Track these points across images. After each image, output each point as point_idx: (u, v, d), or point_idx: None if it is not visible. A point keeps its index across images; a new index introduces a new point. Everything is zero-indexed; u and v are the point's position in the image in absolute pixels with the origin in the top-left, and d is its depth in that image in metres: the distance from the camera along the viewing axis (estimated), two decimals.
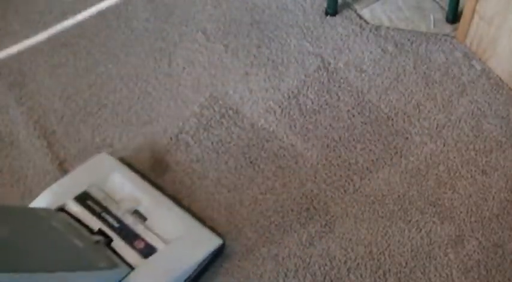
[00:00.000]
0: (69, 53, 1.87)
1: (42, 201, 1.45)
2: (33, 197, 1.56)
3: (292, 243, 1.48)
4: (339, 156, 1.62)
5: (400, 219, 1.51)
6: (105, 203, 1.44)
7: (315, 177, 1.58)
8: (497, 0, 1.65)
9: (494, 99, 1.72)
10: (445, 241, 1.47)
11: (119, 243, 1.36)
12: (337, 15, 1.95)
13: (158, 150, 1.65)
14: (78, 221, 1.40)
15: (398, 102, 1.73)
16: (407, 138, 1.66)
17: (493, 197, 1.54)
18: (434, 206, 1.53)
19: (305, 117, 1.69)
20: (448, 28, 1.91)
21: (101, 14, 1.97)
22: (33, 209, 1.41)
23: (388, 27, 1.92)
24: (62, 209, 1.42)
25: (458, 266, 1.44)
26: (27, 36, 1.91)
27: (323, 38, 1.89)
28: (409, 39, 1.88)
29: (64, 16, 1.96)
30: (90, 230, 1.38)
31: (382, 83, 1.77)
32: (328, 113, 1.71)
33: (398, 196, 1.55)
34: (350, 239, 1.48)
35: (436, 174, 1.58)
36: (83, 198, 1.44)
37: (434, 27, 1.92)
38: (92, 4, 2.00)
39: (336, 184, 1.57)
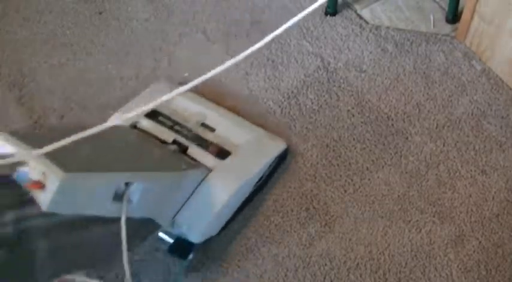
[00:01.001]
0: (69, 53, 1.87)
1: (114, 121, 1.50)
2: None
3: (292, 243, 1.48)
4: (339, 156, 1.62)
5: (400, 219, 1.51)
6: (174, 118, 1.54)
7: (315, 177, 1.58)
8: (497, 0, 1.65)
9: (494, 99, 1.72)
10: (445, 241, 1.47)
11: (194, 150, 1.46)
12: (337, 15, 1.95)
13: None
14: (152, 135, 1.49)
15: (398, 102, 1.73)
16: (407, 138, 1.66)
17: (493, 197, 1.54)
18: (434, 206, 1.53)
19: (305, 117, 1.69)
20: (448, 28, 1.91)
21: (101, 14, 1.98)
22: (113, 128, 1.48)
23: (388, 27, 1.92)
24: (134, 127, 1.52)
25: (458, 266, 1.44)
26: (27, 36, 1.91)
27: (323, 38, 1.89)
28: (409, 39, 1.88)
29: (65, 16, 1.96)
30: (165, 142, 1.48)
31: (382, 83, 1.77)
32: (328, 112, 1.71)
33: (398, 196, 1.55)
34: (350, 239, 1.48)
35: (436, 174, 1.58)
36: (154, 115, 1.54)
37: (434, 27, 1.92)
38: (92, 4, 2.00)
39: (335, 184, 1.57)
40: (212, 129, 1.53)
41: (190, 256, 1.42)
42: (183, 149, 1.46)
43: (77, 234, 1.10)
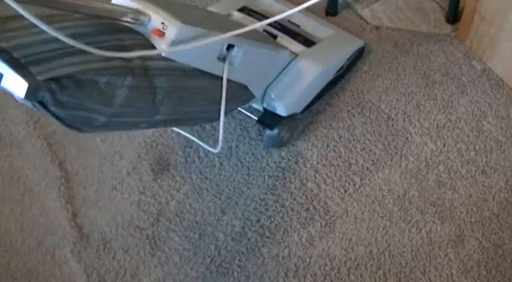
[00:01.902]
0: None
1: (213, 8, 1.73)
2: (34, 196, 1.57)
3: (292, 243, 1.48)
4: (339, 156, 1.62)
5: (400, 219, 1.51)
6: (263, 13, 1.72)
7: (315, 177, 1.58)
8: (497, 0, 1.65)
9: (495, 99, 1.72)
10: (445, 241, 1.47)
11: (283, 39, 1.64)
12: (337, 15, 1.95)
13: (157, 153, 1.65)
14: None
15: (399, 102, 1.73)
16: (407, 138, 1.66)
17: (493, 197, 1.54)
18: (434, 206, 1.53)
19: (305, 117, 1.69)
20: (448, 28, 1.91)
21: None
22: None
23: (388, 27, 1.92)
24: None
25: (458, 266, 1.44)
26: None
27: None
28: (409, 40, 1.88)
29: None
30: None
31: (383, 83, 1.77)
32: (328, 113, 1.71)
33: (399, 196, 1.55)
34: (350, 239, 1.48)
35: (436, 174, 1.58)
36: (245, 9, 1.73)
37: (435, 27, 1.92)
38: None
39: (336, 184, 1.57)
40: (298, 26, 1.72)
41: (276, 130, 1.56)
42: (273, 37, 1.64)
43: (190, 80, 1.26)
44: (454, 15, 1.90)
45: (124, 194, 1.57)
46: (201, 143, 1.61)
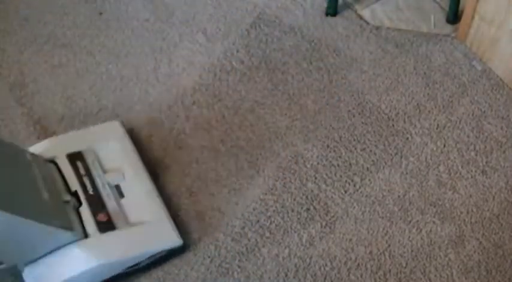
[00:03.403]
0: (70, 53, 1.87)
1: (39, 147, 1.52)
2: None
3: (292, 244, 1.48)
4: (339, 157, 1.62)
5: (401, 220, 1.51)
6: (92, 168, 1.48)
7: (315, 178, 1.58)
8: (497, 0, 1.65)
9: (495, 99, 1.72)
10: (446, 241, 1.47)
11: (85, 211, 1.40)
12: (337, 16, 1.95)
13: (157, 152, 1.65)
14: (62, 177, 1.45)
15: (399, 103, 1.73)
16: (407, 138, 1.65)
17: (494, 197, 1.54)
18: (434, 206, 1.53)
19: (305, 117, 1.69)
20: (448, 28, 1.91)
21: (102, 14, 1.98)
22: (18, 148, 1.44)
23: (388, 28, 1.92)
24: (52, 161, 1.48)
25: (458, 267, 1.43)
26: (27, 37, 1.91)
27: (323, 38, 1.89)
28: (409, 40, 1.88)
29: (65, 16, 1.96)
30: (68, 189, 1.43)
31: (383, 83, 1.77)
32: (329, 113, 1.71)
33: (399, 196, 1.55)
34: (350, 240, 1.48)
35: (437, 174, 1.58)
36: (75, 158, 1.49)
37: (435, 27, 1.92)
38: (92, 4, 2.00)
39: (336, 184, 1.57)
40: (121, 195, 1.47)
41: None
42: (77, 205, 1.41)
43: None
44: (454, 16, 1.90)
45: None
46: None
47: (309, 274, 1.43)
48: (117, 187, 1.48)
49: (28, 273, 1.32)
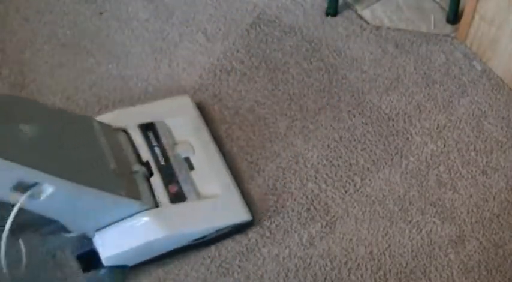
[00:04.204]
0: (70, 53, 1.87)
1: (108, 117, 1.51)
2: None
3: (292, 244, 1.48)
4: (340, 157, 1.62)
5: (401, 220, 1.51)
6: (163, 140, 1.49)
7: (316, 178, 1.58)
8: (498, 0, 1.65)
9: (495, 99, 1.72)
10: (446, 241, 1.47)
11: (156, 181, 1.40)
12: (337, 16, 1.95)
13: None
14: (133, 146, 1.45)
15: (399, 103, 1.73)
16: (407, 138, 1.65)
17: (494, 197, 1.54)
18: (434, 207, 1.53)
19: (305, 117, 1.69)
20: (448, 28, 1.91)
21: (102, 14, 1.97)
22: (85, 118, 1.45)
23: (388, 28, 1.92)
24: (124, 131, 1.48)
25: (458, 267, 1.43)
26: (27, 37, 1.91)
27: (323, 38, 1.89)
28: (409, 40, 1.88)
29: (65, 16, 1.96)
30: (139, 159, 1.43)
31: (383, 83, 1.77)
32: (329, 113, 1.71)
33: (399, 196, 1.55)
34: (350, 240, 1.48)
35: (437, 174, 1.58)
36: (147, 128, 1.50)
37: (435, 27, 1.92)
38: (92, 4, 2.00)
39: (336, 184, 1.57)
40: (191, 167, 1.47)
41: (95, 273, 1.37)
42: (148, 175, 1.42)
43: None
44: (454, 16, 1.90)
45: None
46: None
47: (309, 274, 1.43)
48: (187, 160, 1.48)
49: (98, 239, 1.33)
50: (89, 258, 1.35)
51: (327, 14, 1.95)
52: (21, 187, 1.09)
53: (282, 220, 1.51)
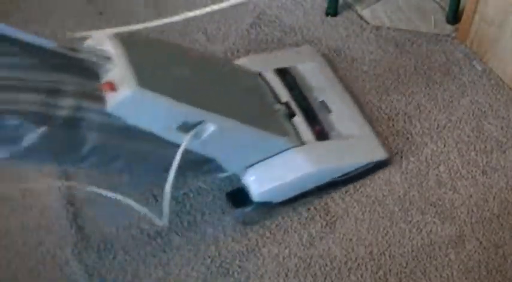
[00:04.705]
0: None
1: (243, 61, 1.61)
2: (34, 197, 1.56)
3: (292, 244, 1.48)
4: None
5: (401, 220, 1.51)
6: (299, 83, 1.57)
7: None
8: (498, 0, 1.65)
9: (495, 99, 1.72)
10: (446, 241, 1.47)
11: (299, 120, 1.48)
12: (337, 16, 1.95)
13: None
14: (271, 89, 1.52)
15: (399, 103, 1.73)
16: (407, 138, 1.65)
17: (494, 197, 1.54)
18: (434, 207, 1.53)
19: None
20: (448, 29, 1.91)
21: (102, 14, 1.98)
22: (224, 60, 1.60)
23: (388, 28, 1.92)
24: (259, 75, 1.55)
25: (459, 267, 1.44)
26: None
27: (323, 38, 1.89)
28: (409, 40, 1.88)
29: (65, 16, 1.96)
30: (278, 100, 1.50)
31: (383, 83, 1.77)
32: None
33: (399, 196, 1.55)
34: (350, 240, 1.48)
35: (437, 174, 1.58)
36: (282, 73, 1.57)
37: (435, 27, 1.92)
38: (92, 4, 2.00)
39: None
40: (328, 110, 1.55)
41: (242, 210, 1.46)
42: (290, 114, 1.48)
43: (131, 142, 1.13)
44: (454, 16, 1.90)
45: (124, 194, 1.57)
46: (148, 213, 1.41)
47: (309, 274, 1.43)
48: (323, 103, 1.56)
49: (249, 176, 1.40)
50: (238, 196, 1.44)
51: (327, 14, 1.95)
52: (186, 127, 1.15)
53: (282, 220, 1.51)
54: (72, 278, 1.45)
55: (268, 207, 1.48)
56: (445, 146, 1.64)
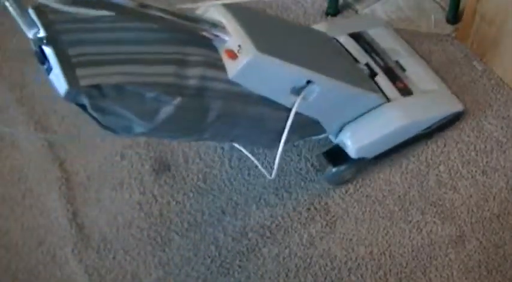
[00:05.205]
0: None
1: (320, 27, 1.66)
2: (34, 197, 1.56)
3: (293, 244, 1.48)
4: None
5: (401, 220, 1.51)
6: (374, 45, 1.65)
7: (316, 177, 1.58)
8: (498, 0, 1.65)
9: (495, 99, 1.72)
10: (446, 241, 1.48)
11: (382, 79, 1.55)
12: (337, 16, 1.95)
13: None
14: (348, 52, 1.59)
15: None
16: None
17: (494, 197, 1.54)
18: (435, 206, 1.53)
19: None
20: (448, 28, 1.91)
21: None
22: (308, 27, 1.67)
23: None
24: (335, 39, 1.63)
25: (459, 267, 1.44)
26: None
27: None
28: (409, 40, 1.88)
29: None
30: (357, 62, 1.57)
31: None
32: None
33: (399, 196, 1.55)
34: (351, 240, 1.48)
35: (437, 174, 1.58)
36: (356, 37, 1.65)
37: (435, 27, 1.92)
38: None
39: None
40: (403, 69, 1.61)
41: (339, 168, 1.51)
42: (372, 74, 1.55)
43: (250, 107, 1.20)
44: (454, 16, 1.90)
45: (125, 195, 1.57)
46: (259, 166, 1.53)
47: (310, 274, 1.43)
48: (397, 62, 1.63)
49: (347, 133, 1.46)
50: (335, 154, 1.50)
51: (327, 14, 1.95)
52: (296, 90, 1.23)
53: (282, 220, 1.51)
54: (72, 278, 1.45)
55: (362, 164, 1.54)
56: (445, 145, 1.64)
